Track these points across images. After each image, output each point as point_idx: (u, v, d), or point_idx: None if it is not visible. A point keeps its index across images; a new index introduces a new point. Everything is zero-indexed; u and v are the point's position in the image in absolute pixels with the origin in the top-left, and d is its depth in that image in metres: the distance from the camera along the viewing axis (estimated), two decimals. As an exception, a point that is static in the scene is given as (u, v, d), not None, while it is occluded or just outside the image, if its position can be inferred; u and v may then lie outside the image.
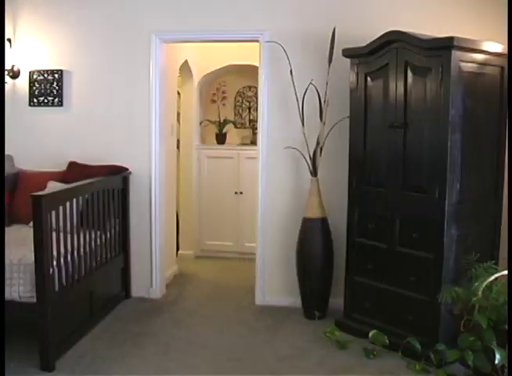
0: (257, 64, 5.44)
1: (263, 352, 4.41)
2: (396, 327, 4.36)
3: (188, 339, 4.62)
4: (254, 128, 7.04)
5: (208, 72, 7.12)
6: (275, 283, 5.42)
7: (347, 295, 4.81)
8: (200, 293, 5.83)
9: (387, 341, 4.30)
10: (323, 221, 5.01)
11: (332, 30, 4.86)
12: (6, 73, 5.61)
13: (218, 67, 7.09)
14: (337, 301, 5.00)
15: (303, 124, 5.01)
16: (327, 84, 4.94)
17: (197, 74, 7.07)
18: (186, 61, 6.69)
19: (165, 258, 5.78)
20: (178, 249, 6.93)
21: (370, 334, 4.39)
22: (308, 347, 4.48)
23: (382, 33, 4.34)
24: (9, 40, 5.62)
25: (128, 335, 4.67)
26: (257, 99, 5.98)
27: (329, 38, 4.86)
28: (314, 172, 5.03)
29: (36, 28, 5.64)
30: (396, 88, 4.29)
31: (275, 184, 5.33)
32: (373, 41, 4.43)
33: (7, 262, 4.08)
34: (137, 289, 5.59)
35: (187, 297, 5.72)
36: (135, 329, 4.80)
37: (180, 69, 6.59)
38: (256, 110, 6.56)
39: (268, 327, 4.90)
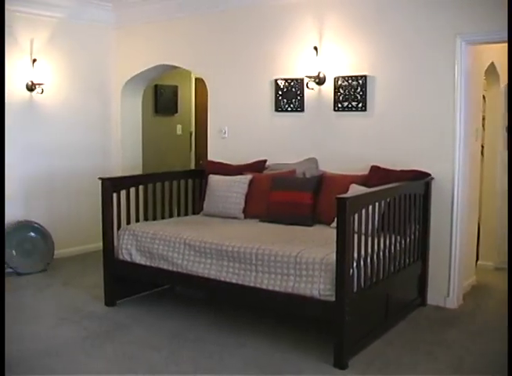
0: None
1: None
2: None
3: (483, 355, 4.40)
4: None
5: (516, 74, 6.74)
6: None
7: None
8: (499, 307, 5.49)
9: None
10: None
11: None
12: (312, 80, 5.86)
13: (528, 69, 6.67)
14: None
15: None
16: None
17: (504, 77, 6.72)
18: (492, 63, 6.39)
19: (464, 268, 5.58)
20: (477, 259, 6.66)
21: None
22: None
23: None
24: (315, 48, 5.86)
25: (422, 344, 4.58)
26: None
27: None
28: None
29: (340, 35, 5.80)
30: None
31: None
32: None
33: (309, 260, 4.27)
34: (432, 297, 5.47)
35: (485, 310, 5.46)
36: (429, 338, 4.70)
37: (485, 72, 6.33)
38: None
39: None
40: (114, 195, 5.43)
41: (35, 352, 4.41)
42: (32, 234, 6.82)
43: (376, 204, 4.48)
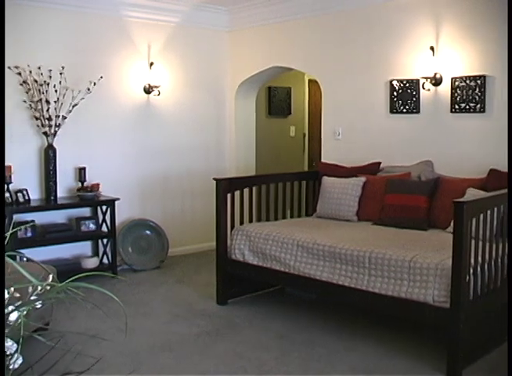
0: None
1: None
2: None
3: None
4: None
5: None
6: None
7: None
8: None
9: None
10: None
11: None
12: (429, 81, 5.73)
13: None
14: None
15: None
16: None
17: None
18: None
19: None
20: None
21: None
22: None
23: None
24: (432, 48, 5.72)
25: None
26: None
27: None
28: None
29: (457, 35, 5.62)
30: None
31: None
32: None
33: (424, 265, 4.17)
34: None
35: None
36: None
37: None
38: None
39: None
40: (228, 195, 5.51)
41: (149, 346, 4.54)
42: (147, 232, 7.04)
43: (495, 208, 4.32)
